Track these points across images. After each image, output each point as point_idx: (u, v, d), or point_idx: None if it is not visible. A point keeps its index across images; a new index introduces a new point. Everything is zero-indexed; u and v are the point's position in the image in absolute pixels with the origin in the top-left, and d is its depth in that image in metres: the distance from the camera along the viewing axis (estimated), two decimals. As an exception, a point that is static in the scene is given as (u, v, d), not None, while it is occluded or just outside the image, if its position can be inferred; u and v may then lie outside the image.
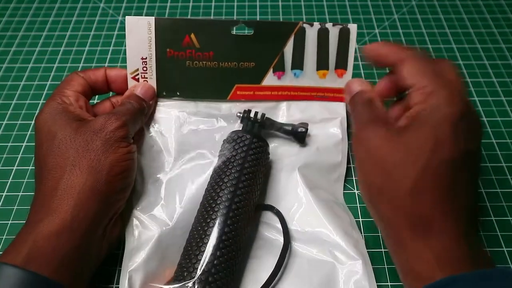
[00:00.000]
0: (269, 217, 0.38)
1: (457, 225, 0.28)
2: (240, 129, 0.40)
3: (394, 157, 0.29)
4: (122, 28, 0.57)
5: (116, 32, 0.58)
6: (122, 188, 0.34)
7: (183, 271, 0.32)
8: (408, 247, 0.29)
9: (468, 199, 0.29)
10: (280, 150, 0.41)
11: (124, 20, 0.39)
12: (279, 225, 0.37)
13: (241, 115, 0.40)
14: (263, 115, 0.40)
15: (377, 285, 0.34)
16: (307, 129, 0.40)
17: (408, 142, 0.29)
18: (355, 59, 0.53)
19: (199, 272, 0.31)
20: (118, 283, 0.35)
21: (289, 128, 0.41)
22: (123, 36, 0.39)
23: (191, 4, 0.61)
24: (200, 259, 0.32)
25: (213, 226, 0.33)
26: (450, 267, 0.27)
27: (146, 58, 0.40)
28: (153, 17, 0.39)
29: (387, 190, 0.30)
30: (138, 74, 0.40)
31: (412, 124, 0.30)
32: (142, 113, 0.38)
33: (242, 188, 0.35)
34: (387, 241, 0.31)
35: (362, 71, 0.53)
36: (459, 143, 0.29)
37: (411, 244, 0.28)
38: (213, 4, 0.61)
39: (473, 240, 0.28)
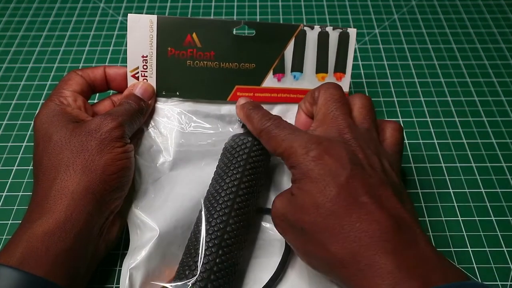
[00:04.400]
0: (269, 217, 0.38)
1: (385, 248, 0.27)
2: (241, 131, 0.40)
3: (299, 220, 0.30)
4: (122, 28, 0.57)
5: (116, 32, 0.58)
6: (118, 187, 0.34)
7: (185, 269, 0.32)
8: None
9: (385, 212, 0.28)
10: None
11: (124, 20, 0.39)
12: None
13: None
14: None
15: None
16: None
17: (301, 203, 0.30)
18: (355, 61, 0.53)
19: (201, 269, 0.31)
20: (118, 283, 0.35)
21: None
22: (123, 36, 0.39)
23: (191, 4, 0.61)
24: (202, 258, 0.32)
25: (215, 225, 0.33)
26: None
27: (146, 57, 0.40)
28: (156, 15, 0.39)
29: (310, 250, 0.30)
30: (138, 73, 0.40)
31: (295, 185, 0.31)
32: (141, 113, 0.38)
33: (244, 189, 0.35)
34: None
35: (362, 71, 0.53)
36: (335, 176, 0.29)
37: (355, 286, 0.27)
38: (213, 4, 0.61)
39: (413, 250, 0.27)
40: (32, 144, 0.35)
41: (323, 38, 0.41)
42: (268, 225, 0.38)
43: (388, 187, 0.29)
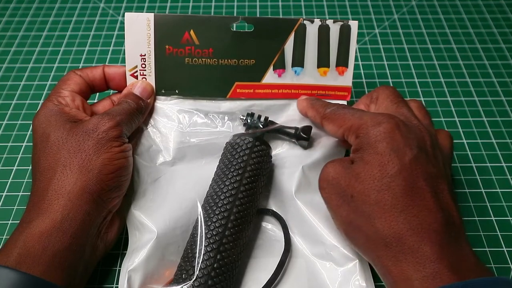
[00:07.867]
0: (269, 218, 0.38)
1: (432, 237, 0.27)
2: (243, 131, 0.40)
3: (350, 187, 0.30)
4: (122, 28, 0.57)
5: (116, 32, 0.58)
6: (116, 186, 0.34)
7: (183, 273, 0.32)
8: (391, 272, 0.28)
9: (438, 203, 0.28)
10: (283, 152, 0.41)
11: (124, 20, 0.39)
12: (278, 226, 0.37)
13: (244, 118, 0.40)
14: (266, 118, 0.40)
15: (375, 285, 0.34)
16: (310, 133, 0.40)
17: (358, 171, 0.30)
18: (355, 57, 0.53)
19: (198, 274, 0.31)
20: (117, 283, 0.35)
21: (292, 131, 0.40)
22: (123, 36, 0.39)
23: (191, 4, 0.61)
24: (200, 262, 0.32)
25: (214, 229, 0.33)
26: (435, 282, 0.26)
27: (145, 55, 0.40)
28: (153, 13, 0.39)
29: (353, 220, 0.30)
30: (136, 71, 0.40)
31: (356, 155, 0.31)
32: (140, 112, 0.38)
33: (244, 192, 0.35)
34: (376, 270, 0.31)
35: (362, 71, 0.53)
36: (400, 154, 0.29)
37: (394, 268, 0.28)
38: (213, 4, 0.61)
39: (456, 247, 0.28)
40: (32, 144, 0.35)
41: (323, 32, 0.40)
42: (268, 226, 0.38)
43: (445, 181, 0.30)
